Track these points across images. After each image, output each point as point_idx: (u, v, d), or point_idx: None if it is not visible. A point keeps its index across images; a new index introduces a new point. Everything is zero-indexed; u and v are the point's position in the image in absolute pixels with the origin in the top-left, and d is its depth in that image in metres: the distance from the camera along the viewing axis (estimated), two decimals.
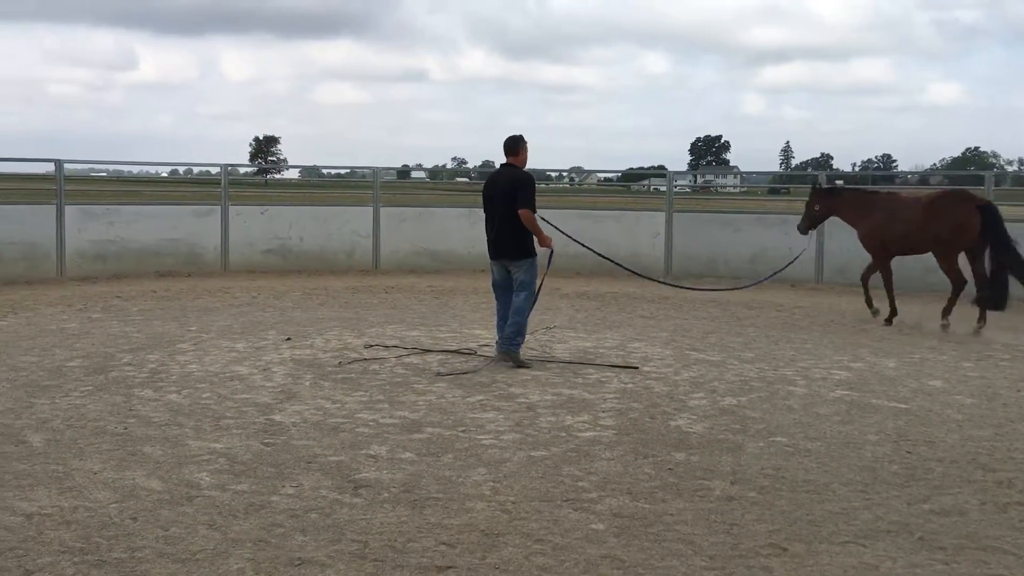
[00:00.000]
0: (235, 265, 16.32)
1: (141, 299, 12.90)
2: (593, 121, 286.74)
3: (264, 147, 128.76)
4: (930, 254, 11.51)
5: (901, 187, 23.92)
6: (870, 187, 14.50)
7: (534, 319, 10.08)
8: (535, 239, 8.78)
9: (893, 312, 11.61)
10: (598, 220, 17.55)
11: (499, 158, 9.17)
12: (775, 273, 12.81)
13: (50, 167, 16.24)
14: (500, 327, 8.95)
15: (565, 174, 39.13)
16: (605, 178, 33.28)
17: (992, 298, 10.91)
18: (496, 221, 8.75)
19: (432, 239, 17.39)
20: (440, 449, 6.06)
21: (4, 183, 21.19)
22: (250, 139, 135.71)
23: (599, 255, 10.61)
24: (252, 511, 4.90)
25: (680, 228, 16.93)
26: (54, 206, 14.99)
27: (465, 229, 17.02)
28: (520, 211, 8.56)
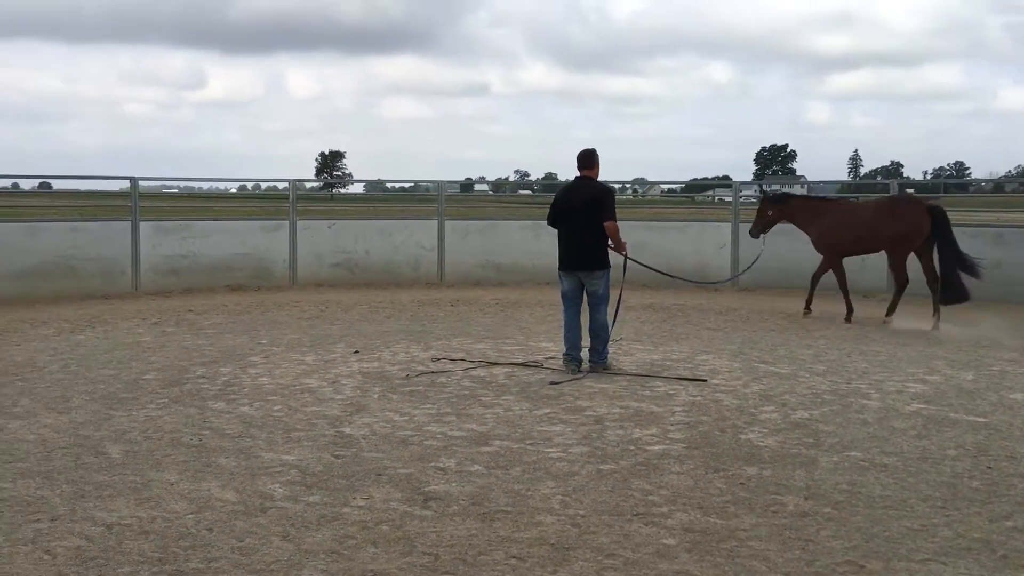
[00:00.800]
0: (303, 279, 16.57)
1: (213, 313, 13.16)
2: (656, 132, 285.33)
3: (329, 162, 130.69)
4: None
5: (840, 196, 24.46)
6: (816, 195, 16.08)
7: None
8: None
9: (850, 310, 12.63)
10: (662, 231, 17.45)
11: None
12: (741, 272, 13.98)
13: (126, 184, 16.71)
14: (569, 338, 9.02)
15: (628, 185, 38.95)
16: (669, 189, 33.07)
17: (955, 294, 11.94)
18: (576, 233, 8.87)
19: (496, 252, 17.45)
20: (508, 462, 6.06)
21: (83, 200, 21.79)
22: (315, 154, 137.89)
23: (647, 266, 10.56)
24: (324, 523, 4.95)
25: (747, 238, 16.68)
26: (129, 222, 15.38)
27: (529, 241, 17.07)
28: (607, 223, 8.79)
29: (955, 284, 11.91)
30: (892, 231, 12.23)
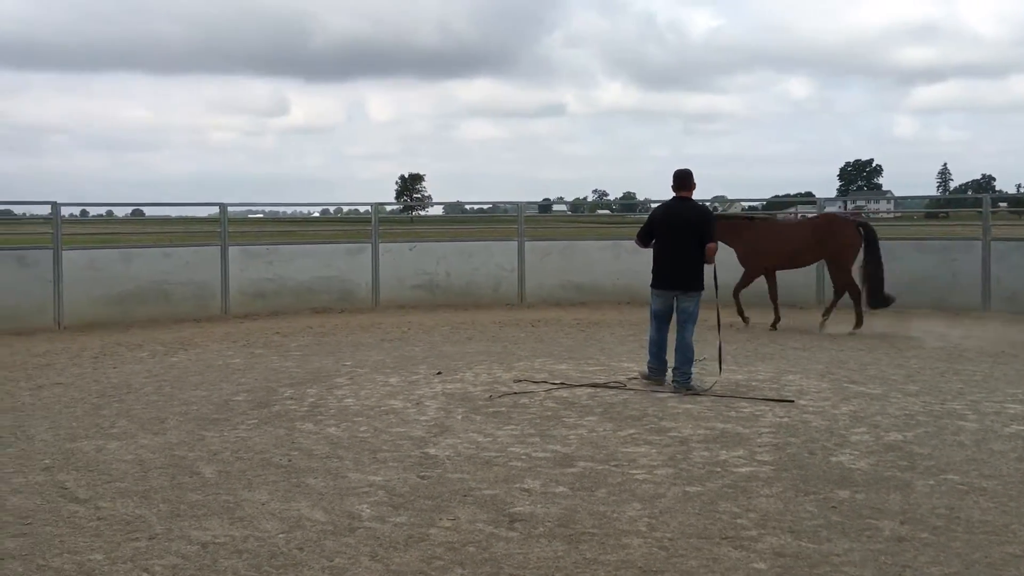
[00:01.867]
0: (385, 301, 16.78)
1: (299, 335, 13.42)
2: (736, 149, 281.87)
3: (409, 185, 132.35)
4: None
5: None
6: (741, 214, 16.69)
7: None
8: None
9: (777, 319, 13.60)
10: None
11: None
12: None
13: (214, 210, 17.19)
14: (657, 353, 9.19)
15: (708, 203, 38.46)
16: (750, 206, 32.57)
17: (882, 300, 13.17)
18: (677, 253, 9.02)
19: (576, 272, 17.43)
20: (593, 483, 6.02)
21: (173, 226, 22.51)
22: (395, 177, 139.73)
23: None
24: (412, 543, 4.99)
25: None
26: (219, 247, 15.80)
27: (609, 261, 17.02)
28: (710, 245, 9.05)
29: (881, 291, 13.15)
30: (834, 246, 13.37)
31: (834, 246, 13.40)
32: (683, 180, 9.22)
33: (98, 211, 23.92)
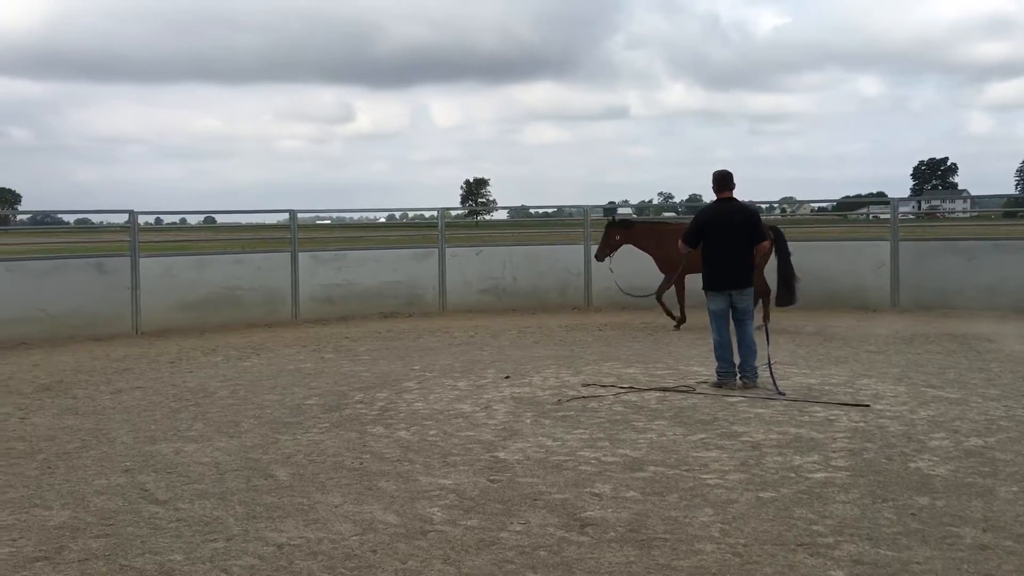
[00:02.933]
0: (452, 305, 16.88)
1: (367, 339, 13.56)
2: (804, 149, 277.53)
3: (474, 189, 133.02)
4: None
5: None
6: (654, 220, 17.50)
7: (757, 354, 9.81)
8: None
9: (683, 319, 14.07)
10: (815, 251, 16.90)
11: (707, 191, 10.03)
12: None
13: (283, 216, 17.49)
14: (724, 355, 9.19)
15: (776, 205, 38.00)
16: (819, 207, 32.02)
17: (790, 298, 13.71)
18: (731, 253, 9.17)
19: (644, 275, 17.28)
20: (664, 488, 5.98)
21: (243, 232, 22.96)
22: (459, 182, 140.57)
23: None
24: (483, 547, 5.01)
25: (907, 257, 16.04)
26: (289, 253, 16.07)
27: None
28: (764, 243, 9.33)
29: (791, 290, 13.65)
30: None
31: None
32: (726, 181, 9.35)
33: (172, 219, 24.46)
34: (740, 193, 9.59)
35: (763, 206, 28.71)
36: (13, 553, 5.00)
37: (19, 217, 68.54)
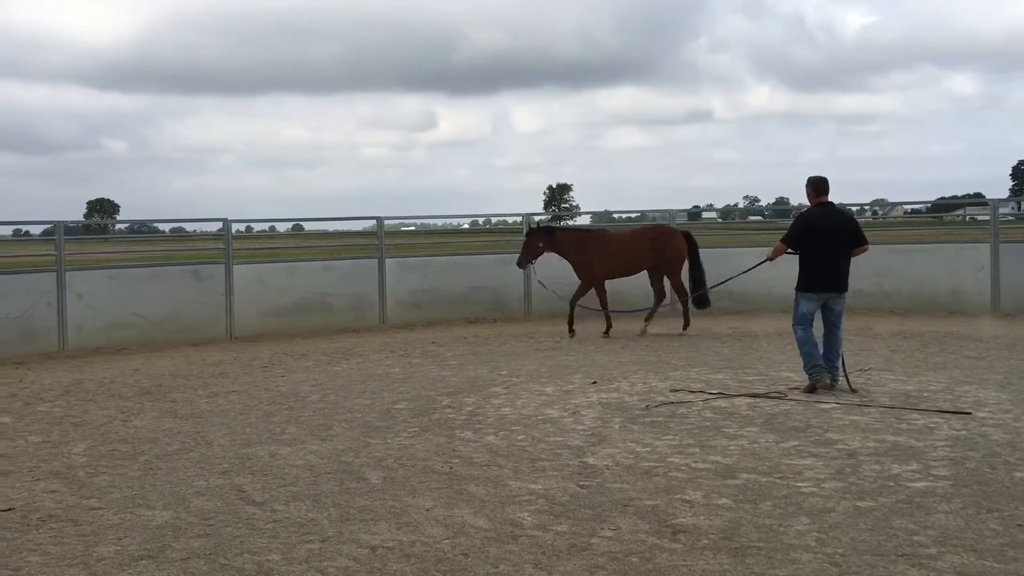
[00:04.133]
0: (538, 310, 16.89)
1: (454, 345, 13.67)
2: (895, 150, 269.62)
3: (557, 195, 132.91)
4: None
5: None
6: (577, 227, 16.72)
7: (847, 360, 9.63)
8: None
9: (609, 326, 14.31)
10: (910, 254, 16.48)
11: (794, 195, 10.10)
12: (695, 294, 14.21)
13: (369, 223, 17.73)
14: (814, 354, 9.18)
15: (867, 207, 37.06)
16: (912, 209, 31.15)
17: (704, 301, 14.25)
18: (835, 256, 9.22)
19: (731, 281, 17.03)
20: (757, 496, 5.88)
21: (330, 239, 23.33)
22: (542, 188, 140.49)
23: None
24: (574, 552, 4.99)
25: (1009, 260, 15.46)
26: (376, 260, 16.30)
27: (763, 268, 16.53)
28: (865, 246, 9.40)
29: (704, 294, 14.14)
30: (669, 254, 14.42)
31: (668, 254, 14.41)
32: (823, 186, 9.42)
33: (261, 226, 25.14)
34: (832, 196, 9.51)
35: (853, 208, 28.06)
36: (119, 551, 5.17)
37: (118, 226, 71.05)
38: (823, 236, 9.20)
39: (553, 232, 15.05)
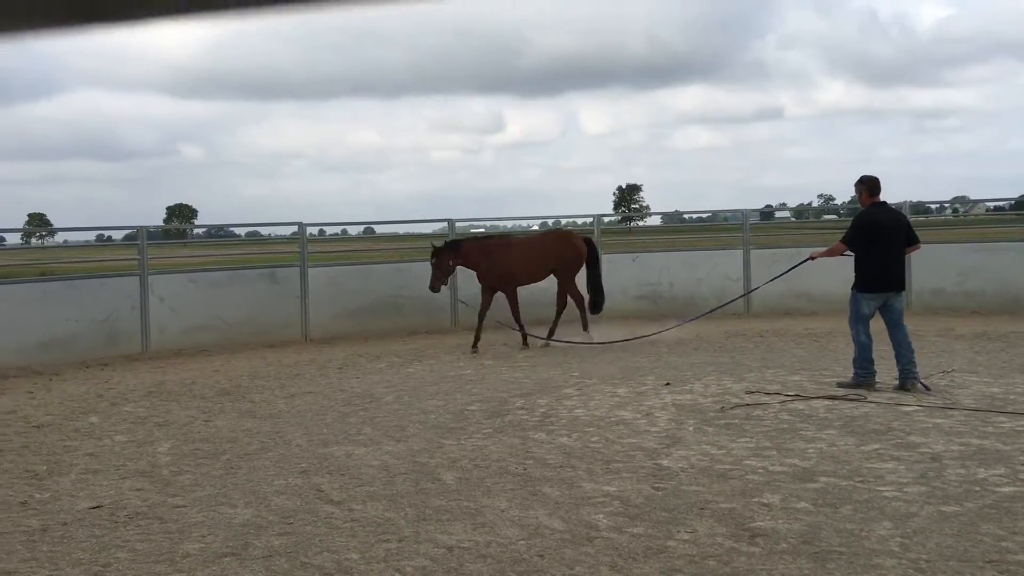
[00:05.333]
0: (608, 311, 16.77)
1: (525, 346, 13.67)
2: (975, 146, 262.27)
3: (627, 195, 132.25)
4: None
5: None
6: (482, 235, 15.75)
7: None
8: None
9: (525, 337, 13.92)
10: (994, 252, 16.00)
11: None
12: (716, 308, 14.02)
13: (439, 226, 17.87)
14: (870, 357, 9.33)
15: (947, 205, 36.09)
16: (995, 207, 30.26)
17: (599, 307, 14.46)
18: (895, 255, 9.29)
19: (805, 280, 16.76)
20: (837, 500, 5.77)
21: (401, 242, 23.61)
22: (611, 189, 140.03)
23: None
24: (651, 555, 4.97)
25: None
26: None
27: (841, 269, 16.23)
28: (918, 245, 9.59)
29: (600, 299, 14.34)
30: (568, 260, 14.17)
31: (570, 259, 14.17)
32: (877, 186, 9.52)
33: (333, 230, 25.44)
34: (907, 193, 9.56)
35: (932, 206, 27.40)
36: (203, 549, 5.30)
37: (196, 231, 72.70)
38: (885, 236, 9.26)
39: (460, 245, 14.18)
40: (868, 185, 9.49)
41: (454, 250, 14.05)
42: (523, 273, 14.29)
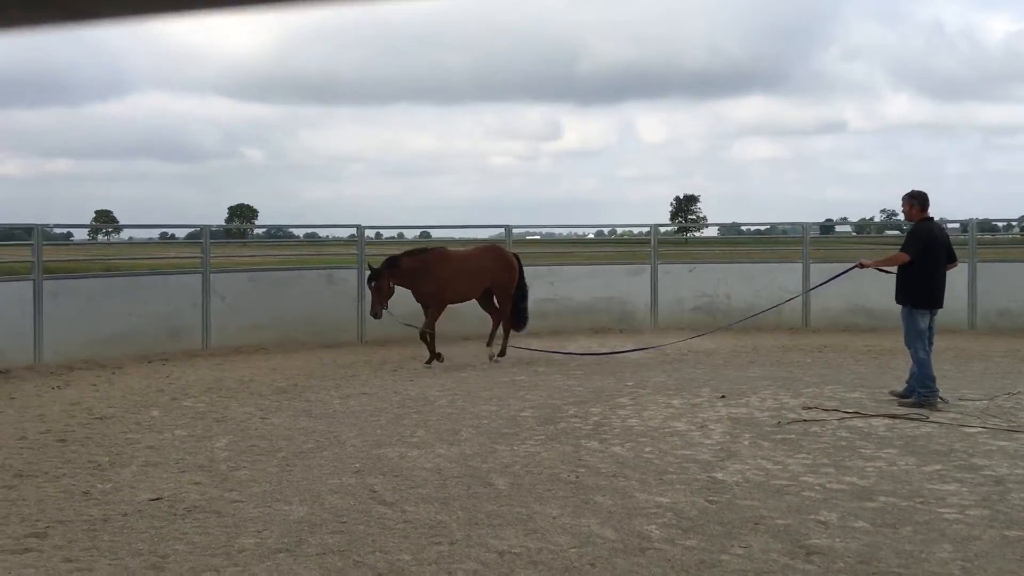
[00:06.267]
0: (664, 322, 16.70)
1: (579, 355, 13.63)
2: None
3: (684, 206, 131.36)
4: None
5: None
6: (415, 249, 13.92)
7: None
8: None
9: (433, 354, 12.77)
10: None
11: (937, 208, 9.85)
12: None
13: (496, 232, 17.91)
14: (932, 374, 9.25)
15: (1015, 223, 35.26)
16: None
17: (523, 324, 14.00)
18: (942, 272, 9.37)
19: (866, 296, 16.49)
20: (897, 520, 5.66)
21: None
22: (667, 199, 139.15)
23: None
24: (704, 568, 4.92)
25: None
26: None
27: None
28: (955, 263, 9.68)
29: (525, 317, 13.94)
30: (506, 276, 13.59)
31: (508, 274, 13.62)
32: (927, 201, 9.57)
33: (390, 233, 25.68)
34: (973, 210, 9.52)
35: (999, 224, 26.78)
36: (258, 544, 5.37)
37: (256, 231, 73.82)
38: (939, 251, 9.38)
39: (398, 262, 12.88)
40: (920, 200, 9.53)
41: (391, 268, 12.74)
42: (467, 289, 13.48)
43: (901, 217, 11.01)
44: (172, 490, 6.51)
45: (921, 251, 9.29)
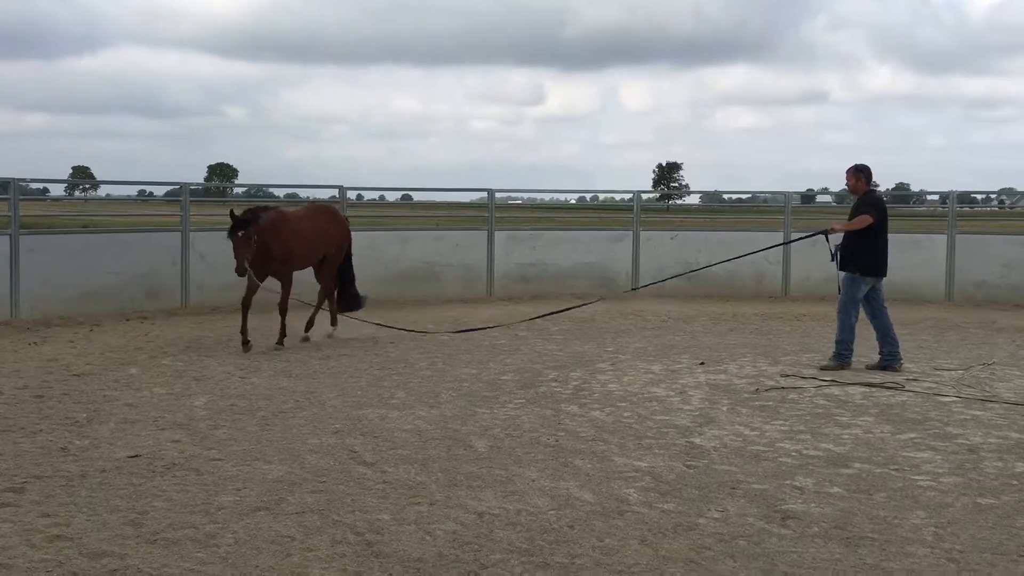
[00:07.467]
0: (645, 289, 16.72)
1: (560, 319, 13.62)
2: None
3: (667, 174, 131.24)
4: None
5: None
6: (267, 205, 12.31)
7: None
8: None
9: (283, 334, 11.08)
10: None
11: (914, 180, 10.35)
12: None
13: (477, 195, 17.85)
14: (852, 339, 9.70)
15: (994, 195, 35.47)
16: None
17: (355, 303, 12.19)
18: (886, 242, 9.70)
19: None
20: (871, 486, 5.73)
21: (439, 210, 23.62)
22: (650, 166, 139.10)
23: None
24: (680, 531, 4.97)
25: None
26: (486, 232, 16.40)
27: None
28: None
29: (355, 295, 12.26)
30: (341, 239, 12.05)
31: (345, 238, 12.15)
32: (871, 173, 9.95)
33: (372, 195, 25.53)
34: (953, 182, 9.59)
35: (978, 196, 26.90)
36: (238, 502, 5.37)
37: (236, 190, 73.16)
38: (886, 221, 9.75)
39: (259, 215, 10.78)
40: (866, 173, 9.93)
41: (256, 220, 10.63)
42: (314, 254, 11.72)
43: (881, 188, 11.14)
44: (151, 447, 6.49)
45: (880, 219, 9.62)
